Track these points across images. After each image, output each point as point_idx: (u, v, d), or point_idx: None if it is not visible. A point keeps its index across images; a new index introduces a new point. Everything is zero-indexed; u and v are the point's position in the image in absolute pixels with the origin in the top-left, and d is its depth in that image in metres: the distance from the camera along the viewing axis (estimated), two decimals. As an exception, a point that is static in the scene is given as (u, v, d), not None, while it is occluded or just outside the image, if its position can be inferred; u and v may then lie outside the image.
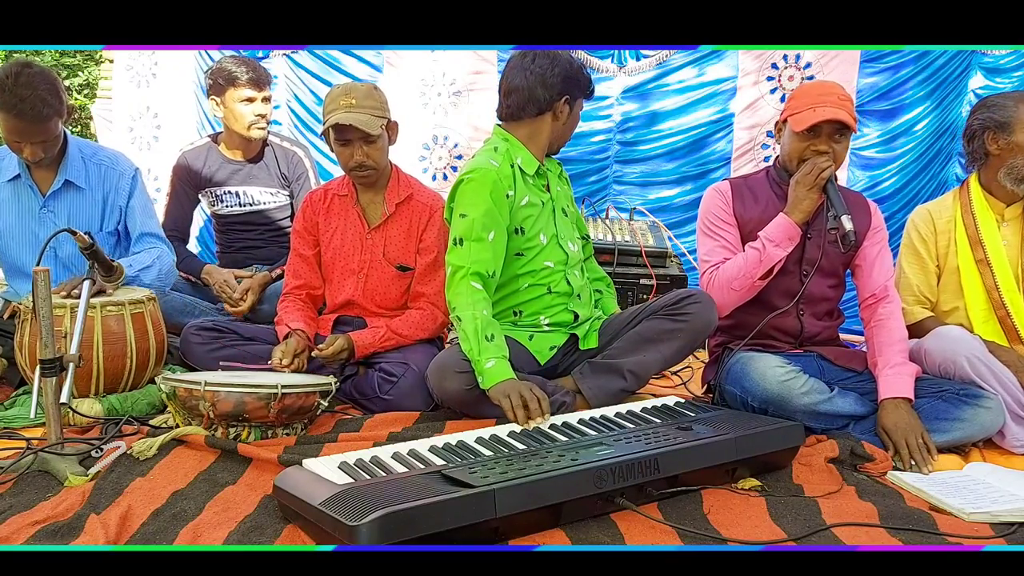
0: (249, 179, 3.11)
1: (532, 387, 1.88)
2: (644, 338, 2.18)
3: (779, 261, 2.15)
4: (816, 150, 2.13)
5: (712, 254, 2.27)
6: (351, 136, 2.27)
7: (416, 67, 4.35)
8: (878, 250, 2.27)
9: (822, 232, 2.18)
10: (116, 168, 2.56)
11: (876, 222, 2.29)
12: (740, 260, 2.19)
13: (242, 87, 2.93)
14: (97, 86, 5.32)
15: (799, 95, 2.17)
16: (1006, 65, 3.88)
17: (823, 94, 2.12)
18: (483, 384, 1.95)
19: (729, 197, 2.29)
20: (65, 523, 1.45)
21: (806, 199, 2.13)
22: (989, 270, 2.31)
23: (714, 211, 2.29)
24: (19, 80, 2.19)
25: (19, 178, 2.46)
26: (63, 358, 1.78)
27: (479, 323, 2.00)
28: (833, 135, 2.11)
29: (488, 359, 1.95)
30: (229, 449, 1.81)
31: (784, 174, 2.26)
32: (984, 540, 1.50)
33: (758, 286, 2.19)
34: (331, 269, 2.50)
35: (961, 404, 2.02)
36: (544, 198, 2.25)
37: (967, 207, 2.38)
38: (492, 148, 2.19)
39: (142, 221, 2.57)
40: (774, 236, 2.14)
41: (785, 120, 2.20)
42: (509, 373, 1.95)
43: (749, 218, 2.26)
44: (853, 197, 2.31)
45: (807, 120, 2.09)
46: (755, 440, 1.74)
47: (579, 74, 2.19)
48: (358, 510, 1.28)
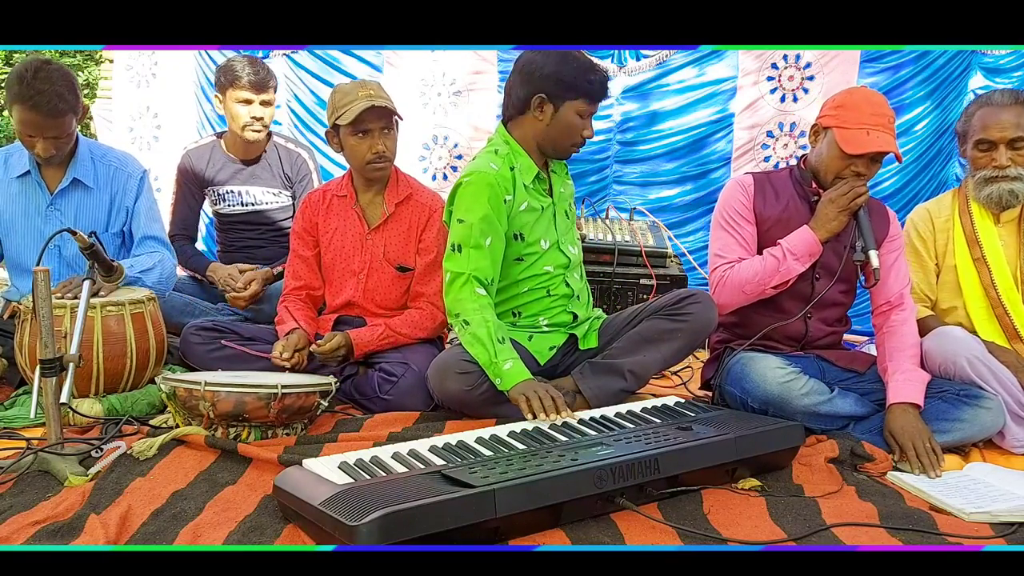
0: (252, 179, 3.11)
1: (549, 387, 1.91)
2: (644, 338, 2.18)
3: (795, 275, 2.13)
4: (856, 171, 2.09)
5: (727, 250, 2.22)
6: (372, 126, 2.27)
7: (416, 67, 4.35)
8: (895, 258, 2.23)
9: (841, 239, 2.14)
10: (125, 169, 2.57)
11: (894, 230, 2.26)
12: (757, 265, 2.15)
13: (241, 88, 2.94)
14: (97, 86, 5.33)
15: (850, 106, 2.08)
16: (1006, 65, 3.88)
17: (876, 115, 2.05)
18: (502, 385, 1.97)
19: (751, 192, 2.24)
20: (65, 523, 1.44)
21: (835, 220, 2.09)
22: (986, 268, 2.31)
23: (734, 205, 2.24)
24: (38, 75, 2.22)
25: (29, 175, 2.48)
26: (63, 358, 1.78)
27: (491, 327, 2.01)
28: (876, 158, 2.09)
29: (505, 360, 1.97)
30: (229, 449, 1.81)
31: (809, 176, 2.21)
32: (984, 540, 1.50)
33: (769, 294, 2.17)
34: (331, 270, 2.50)
35: (961, 405, 2.02)
36: (545, 202, 2.22)
37: (964, 206, 2.38)
38: (493, 150, 2.18)
39: (146, 224, 2.58)
40: (796, 249, 2.11)
41: (827, 127, 2.13)
42: (527, 373, 1.97)
43: (768, 215, 2.22)
44: (873, 204, 2.24)
45: (861, 146, 2.03)
46: (755, 440, 1.74)
47: (573, 75, 2.07)
48: (358, 510, 1.28)
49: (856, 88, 2.22)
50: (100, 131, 4.79)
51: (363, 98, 2.25)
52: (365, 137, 2.29)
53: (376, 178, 2.40)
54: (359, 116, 2.24)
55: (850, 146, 2.05)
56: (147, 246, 2.56)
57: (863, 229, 2.09)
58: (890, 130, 2.06)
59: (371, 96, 2.26)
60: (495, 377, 1.99)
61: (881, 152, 2.05)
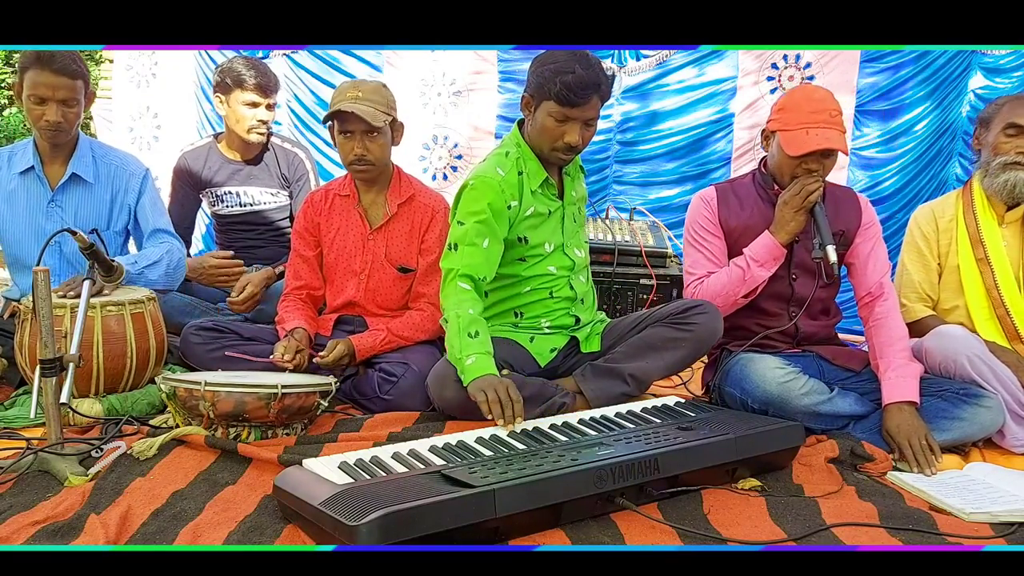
0: (249, 179, 3.11)
1: (510, 387, 1.84)
2: (648, 344, 2.17)
3: (762, 282, 2.14)
4: (807, 168, 2.10)
5: (696, 266, 2.27)
6: (353, 128, 2.27)
7: (416, 67, 4.35)
8: (871, 246, 2.23)
9: (810, 235, 2.15)
10: (127, 168, 2.58)
11: (867, 218, 2.26)
12: (724, 277, 2.18)
13: (248, 91, 2.94)
14: (97, 86, 5.32)
15: (790, 107, 2.12)
16: (1006, 65, 3.88)
17: (816, 112, 2.07)
18: (464, 380, 1.93)
19: (715, 205, 2.26)
20: (65, 523, 1.44)
21: (792, 221, 2.11)
22: (989, 269, 2.31)
23: (699, 220, 2.27)
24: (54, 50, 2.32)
25: (31, 171, 2.48)
26: (63, 358, 1.78)
27: (462, 321, 1.97)
28: (825, 154, 2.09)
29: (469, 355, 1.92)
30: (229, 449, 1.81)
31: (770, 180, 2.24)
32: (984, 540, 1.50)
33: (741, 303, 2.19)
34: (333, 270, 2.50)
35: (961, 403, 2.02)
36: (554, 205, 2.20)
37: (968, 206, 2.38)
38: (504, 153, 2.16)
39: (153, 218, 2.59)
40: (759, 256, 2.13)
41: (773, 131, 2.16)
42: (490, 369, 1.91)
43: (735, 225, 2.24)
44: (841, 192, 2.29)
45: (800, 146, 2.05)
46: (755, 440, 1.74)
47: (546, 75, 2.02)
48: (358, 510, 1.28)
49: (797, 88, 2.23)
50: (100, 131, 4.79)
51: (348, 99, 2.25)
52: (349, 138, 2.30)
53: (360, 179, 2.40)
54: (340, 116, 2.25)
55: (791, 147, 2.07)
56: (157, 238, 2.58)
57: (819, 225, 2.10)
58: (832, 125, 2.06)
59: (356, 99, 2.25)
60: (460, 373, 1.94)
61: (824, 149, 2.05)
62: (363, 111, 2.23)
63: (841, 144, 2.05)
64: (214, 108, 4.45)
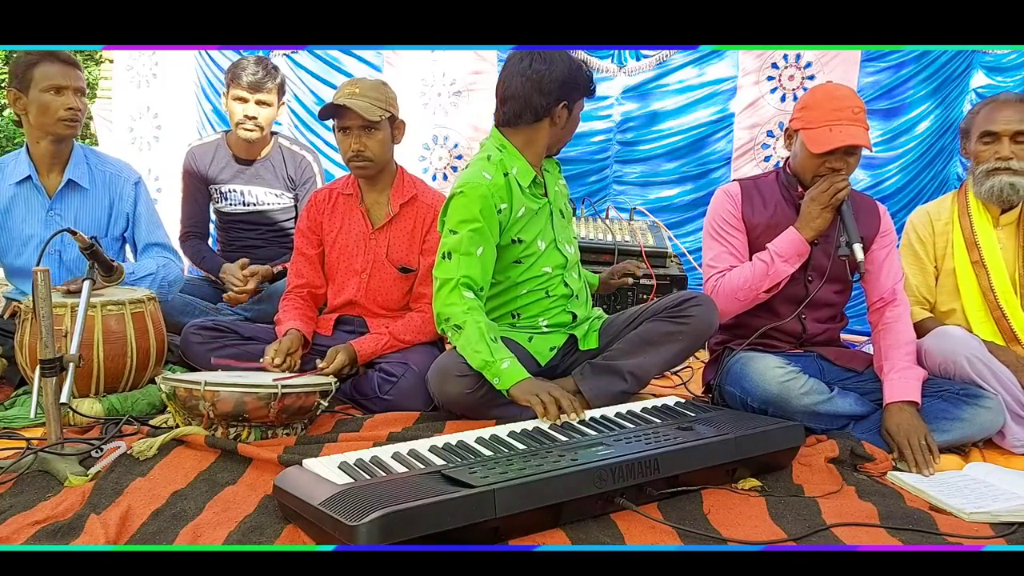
0: (254, 179, 3.11)
1: (553, 386, 1.91)
2: (645, 340, 2.18)
3: (786, 277, 2.14)
4: (832, 167, 2.10)
5: (718, 260, 2.25)
6: (349, 123, 2.27)
7: (416, 67, 4.35)
8: (886, 253, 2.24)
9: (831, 239, 2.15)
10: (121, 175, 2.60)
11: (885, 225, 2.26)
12: (747, 271, 2.17)
13: (238, 87, 2.95)
14: (97, 86, 5.32)
15: (812, 105, 2.12)
16: (1008, 64, 3.88)
17: (838, 109, 2.06)
18: (501, 384, 1.96)
19: (739, 201, 2.25)
20: (65, 523, 1.45)
21: (819, 218, 2.11)
22: (985, 271, 2.31)
23: (722, 215, 2.26)
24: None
25: (28, 180, 2.48)
26: (63, 358, 1.78)
27: (483, 327, 2.00)
28: (849, 151, 2.09)
29: (503, 359, 1.97)
30: (229, 449, 1.81)
31: (794, 180, 2.23)
32: (984, 540, 1.50)
33: (763, 298, 2.18)
34: (334, 269, 2.50)
35: (961, 404, 2.02)
36: (540, 204, 2.21)
37: (964, 209, 2.38)
38: (486, 157, 2.15)
39: (148, 231, 2.61)
40: (783, 251, 2.12)
41: (796, 130, 2.15)
42: (525, 372, 1.97)
43: (758, 222, 2.23)
44: (861, 199, 2.28)
45: (825, 143, 2.05)
46: (755, 440, 1.74)
47: (578, 75, 2.13)
48: (358, 510, 1.28)
49: (819, 86, 2.23)
50: (100, 131, 4.79)
51: (344, 95, 2.25)
52: (346, 134, 2.30)
53: (360, 176, 2.40)
54: (337, 112, 2.25)
55: (815, 145, 2.07)
56: (151, 253, 2.59)
57: (847, 223, 2.10)
58: (856, 121, 2.06)
59: (353, 95, 2.25)
60: (493, 377, 1.98)
61: (849, 146, 2.06)
62: (357, 105, 2.23)
63: (865, 140, 2.05)
64: (215, 108, 4.48)
